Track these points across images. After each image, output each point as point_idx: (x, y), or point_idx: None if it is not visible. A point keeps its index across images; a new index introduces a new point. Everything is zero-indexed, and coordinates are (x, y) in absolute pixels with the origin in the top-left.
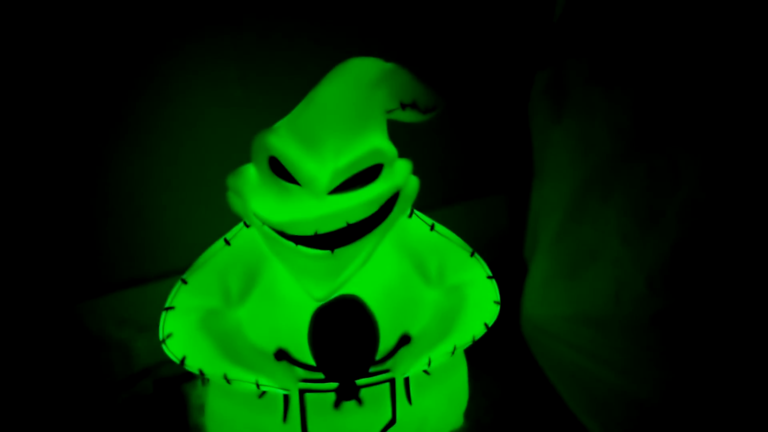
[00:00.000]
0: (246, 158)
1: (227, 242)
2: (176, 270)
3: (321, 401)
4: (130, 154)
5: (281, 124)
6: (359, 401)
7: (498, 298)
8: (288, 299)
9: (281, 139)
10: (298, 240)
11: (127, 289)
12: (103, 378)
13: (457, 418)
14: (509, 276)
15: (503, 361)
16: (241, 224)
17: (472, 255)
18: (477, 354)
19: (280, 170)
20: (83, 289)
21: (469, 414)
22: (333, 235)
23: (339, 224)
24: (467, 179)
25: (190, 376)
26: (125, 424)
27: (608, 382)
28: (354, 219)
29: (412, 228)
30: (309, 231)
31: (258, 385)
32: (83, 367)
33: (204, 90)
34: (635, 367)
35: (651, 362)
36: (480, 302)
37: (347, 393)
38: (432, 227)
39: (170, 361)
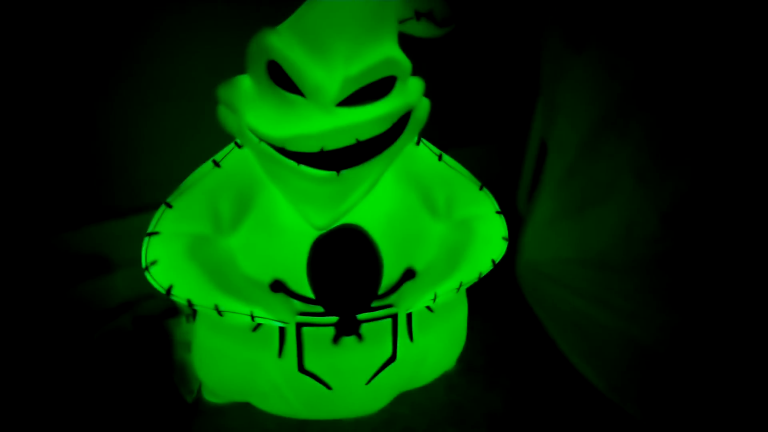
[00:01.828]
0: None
1: (216, 164)
2: (158, 204)
3: (319, 336)
4: (117, 83)
5: (283, 26)
6: (359, 337)
7: (506, 234)
8: (285, 227)
9: (284, 41)
10: (301, 158)
11: (105, 222)
12: (79, 313)
13: (455, 358)
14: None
15: (497, 305)
16: (232, 145)
17: (480, 189)
18: (471, 297)
19: (280, 78)
20: (60, 220)
21: (461, 356)
22: (340, 152)
23: (348, 141)
24: (459, 126)
25: (173, 312)
26: (102, 359)
27: (608, 326)
28: (364, 136)
29: (420, 157)
30: (314, 147)
31: (253, 318)
32: (59, 302)
33: (197, 16)
34: (639, 311)
35: (657, 306)
36: (488, 238)
37: (347, 328)
38: (440, 157)
39: (150, 297)
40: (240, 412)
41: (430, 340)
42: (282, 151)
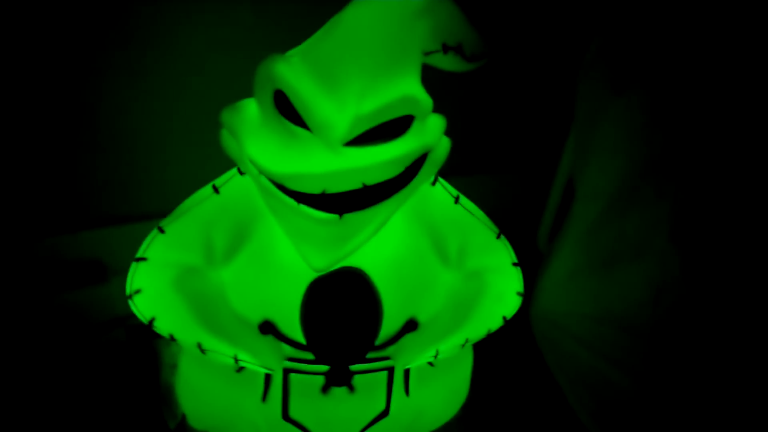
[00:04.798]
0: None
1: (216, 190)
2: (160, 213)
3: (307, 384)
4: (118, 79)
5: (295, 52)
6: (351, 388)
7: (522, 289)
8: (281, 264)
9: (293, 70)
10: (301, 198)
11: (105, 228)
12: (73, 322)
13: (454, 413)
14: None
15: (506, 350)
16: (235, 170)
17: (498, 237)
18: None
19: (287, 109)
20: (59, 223)
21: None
22: (344, 196)
23: (353, 184)
24: (478, 152)
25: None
26: (92, 373)
27: (621, 387)
28: (372, 180)
29: (435, 198)
30: (316, 189)
31: (237, 361)
32: (53, 308)
33: (210, 8)
34: (655, 376)
35: (675, 374)
36: (501, 292)
37: (339, 379)
38: (457, 200)
39: None
40: None
41: (429, 394)
42: (282, 188)
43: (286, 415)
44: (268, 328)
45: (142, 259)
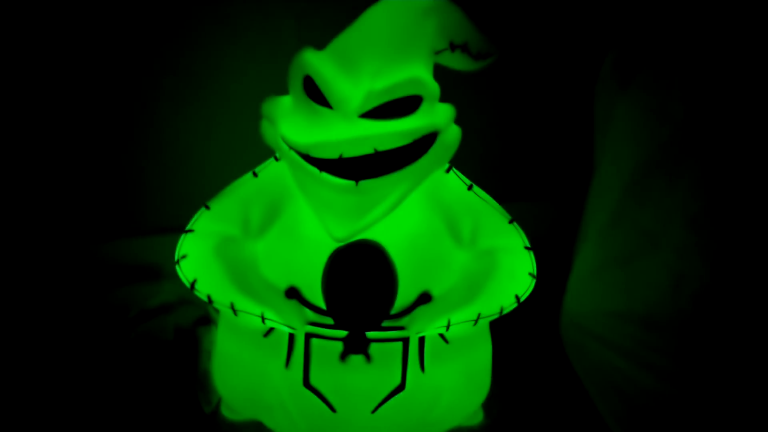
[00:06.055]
0: None
1: (255, 174)
2: None
3: (327, 351)
4: (175, 100)
5: (325, 49)
6: (368, 357)
7: (534, 270)
8: (307, 237)
9: (318, 57)
10: (323, 165)
11: (162, 235)
12: (120, 313)
13: (474, 407)
14: (551, 279)
15: (535, 360)
16: (272, 158)
17: (510, 222)
18: (508, 349)
19: (313, 92)
20: (118, 229)
21: (490, 411)
22: (359, 161)
23: (366, 149)
24: (513, 179)
25: (206, 321)
26: (133, 360)
27: (649, 389)
28: (383, 147)
29: (449, 184)
30: (334, 154)
31: (264, 319)
32: (106, 305)
33: (257, 40)
34: (684, 375)
35: (705, 371)
36: (513, 272)
37: (356, 345)
38: (470, 187)
39: (188, 302)
40: (254, 430)
41: (445, 375)
42: (306, 157)
43: (307, 382)
44: (293, 293)
45: (190, 231)
